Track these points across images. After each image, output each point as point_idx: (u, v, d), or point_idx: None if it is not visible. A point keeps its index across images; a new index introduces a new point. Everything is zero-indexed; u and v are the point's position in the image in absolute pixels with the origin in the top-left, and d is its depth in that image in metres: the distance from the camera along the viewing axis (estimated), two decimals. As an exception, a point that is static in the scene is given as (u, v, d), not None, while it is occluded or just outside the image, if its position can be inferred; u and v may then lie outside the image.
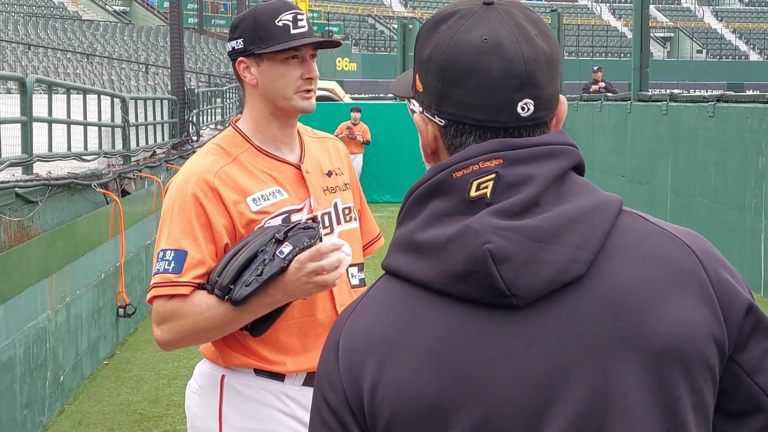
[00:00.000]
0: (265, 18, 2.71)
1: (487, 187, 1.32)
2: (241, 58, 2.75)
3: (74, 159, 8.69)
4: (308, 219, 2.69)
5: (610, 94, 18.96)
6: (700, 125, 12.82)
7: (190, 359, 8.27)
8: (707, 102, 12.77)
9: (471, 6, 1.39)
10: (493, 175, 1.32)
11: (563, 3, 63.25)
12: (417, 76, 1.43)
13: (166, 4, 36.07)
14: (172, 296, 2.62)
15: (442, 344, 1.31)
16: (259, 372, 2.72)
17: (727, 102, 12.37)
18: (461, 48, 1.36)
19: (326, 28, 55.80)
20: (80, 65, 29.57)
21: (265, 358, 2.70)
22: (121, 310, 8.72)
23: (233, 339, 2.70)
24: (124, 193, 9.33)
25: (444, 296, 1.32)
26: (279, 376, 2.72)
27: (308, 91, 2.74)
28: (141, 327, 9.48)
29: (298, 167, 2.78)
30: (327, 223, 2.76)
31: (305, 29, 2.73)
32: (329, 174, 2.85)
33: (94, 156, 9.23)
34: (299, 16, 2.74)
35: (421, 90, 1.43)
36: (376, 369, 1.32)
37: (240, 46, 2.74)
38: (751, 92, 29.98)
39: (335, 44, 2.91)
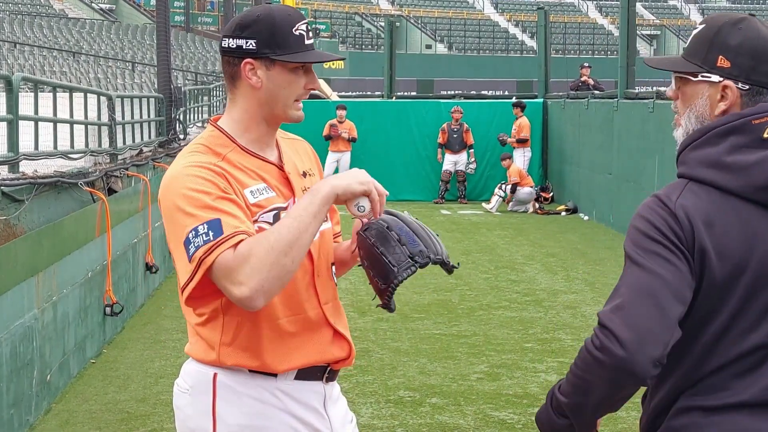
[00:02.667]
0: (284, 25, 2.70)
1: None
2: (249, 59, 2.70)
3: (61, 157, 8.67)
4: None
5: (596, 92, 19.00)
6: (687, 123, 12.85)
7: (177, 357, 8.26)
8: (694, 99, 12.79)
9: (745, 16, 2.31)
10: None
11: (550, 0, 63.30)
12: (720, 57, 2.31)
13: (153, 2, 36.00)
14: (226, 249, 2.51)
15: (742, 225, 2.23)
16: (252, 370, 2.73)
17: (713, 99, 12.39)
18: (765, 39, 2.29)
19: (313, 25, 55.73)
20: (66, 63, 29.49)
21: (260, 358, 2.71)
22: (108, 309, 8.70)
23: (228, 338, 2.71)
24: (110, 191, 9.31)
25: (743, 199, 2.23)
26: (272, 374, 2.73)
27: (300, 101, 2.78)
28: (128, 326, 9.46)
29: (281, 168, 2.81)
30: None
31: (312, 40, 2.78)
32: (304, 175, 2.88)
33: (80, 154, 9.21)
34: (309, 27, 2.78)
35: (727, 66, 2.31)
36: (701, 231, 2.22)
37: (251, 48, 2.69)
38: (737, 90, 30.02)
39: (341, 59, 2.96)
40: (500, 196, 18.52)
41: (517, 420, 6.62)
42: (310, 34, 2.76)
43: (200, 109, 19.31)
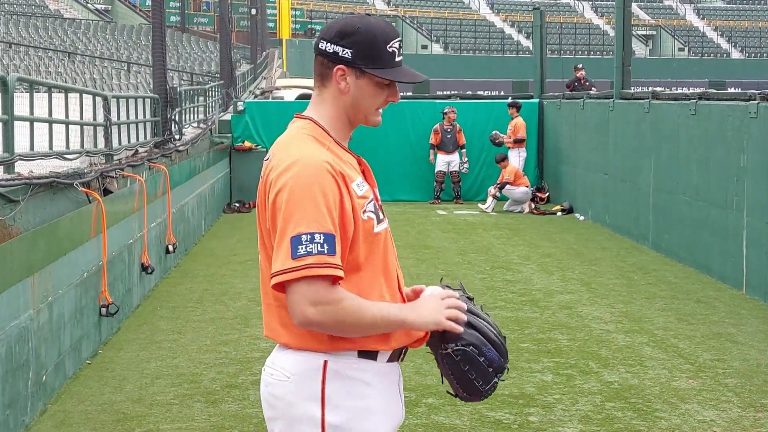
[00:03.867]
0: (381, 40, 2.90)
1: None
2: (341, 66, 2.90)
3: (56, 158, 8.65)
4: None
5: (592, 91, 19.00)
6: (683, 123, 12.87)
7: (173, 358, 8.26)
8: (689, 100, 12.81)
9: None
10: None
11: (545, 1, 63.34)
12: None
13: (149, 3, 35.93)
14: (332, 278, 2.73)
15: None
16: (361, 353, 2.89)
17: (709, 100, 12.42)
18: None
19: (309, 26, 55.72)
20: (62, 64, 29.45)
21: (369, 341, 2.88)
22: (103, 310, 8.69)
23: None
24: (106, 192, 9.30)
25: None
26: (373, 354, 2.91)
27: None
28: (124, 326, 9.45)
29: (359, 161, 3.02)
30: (382, 215, 2.96)
31: (402, 57, 2.97)
32: None
33: (76, 155, 9.19)
34: (401, 44, 2.98)
35: None
36: None
37: (347, 56, 2.89)
38: (732, 90, 30.09)
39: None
40: (495, 197, 18.52)
41: (513, 420, 6.62)
42: (401, 51, 2.96)
43: (196, 109, 19.28)
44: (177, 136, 14.15)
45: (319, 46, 2.93)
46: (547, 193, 19.49)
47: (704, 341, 8.74)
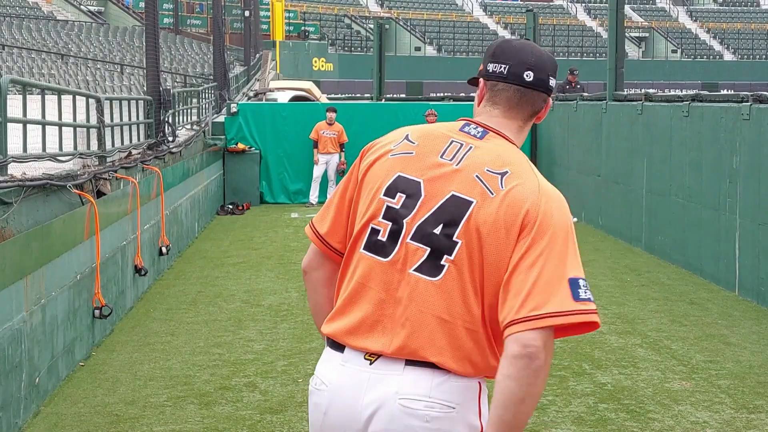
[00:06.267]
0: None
1: None
2: (549, 97, 2.92)
3: (49, 160, 8.64)
4: None
5: (585, 94, 19.03)
6: (675, 125, 12.89)
7: (166, 360, 8.26)
8: (682, 102, 12.84)
9: None
10: None
11: (539, 3, 63.42)
12: None
13: (142, 4, 35.87)
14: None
15: None
16: None
17: (701, 101, 12.44)
18: None
19: (302, 28, 55.72)
20: (55, 65, 29.41)
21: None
22: (96, 312, 8.68)
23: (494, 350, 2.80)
24: (99, 194, 9.29)
25: None
26: None
27: None
28: (117, 328, 9.44)
29: None
30: None
31: None
32: None
33: (69, 157, 9.18)
34: None
35: None
36: None
37: (552, 86, 2.91)
38: (725, 92, 30.15)
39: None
40: None
41: (507, 422, 6.62)
42: None
43: (189, 111, 19.27)
44: (170, 138, 14.13)
45: (550, 83, 2.89)
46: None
47: (697, 343, 8.75)
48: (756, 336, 8.99)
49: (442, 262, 2.69)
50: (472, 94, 41.06)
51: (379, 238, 2.77)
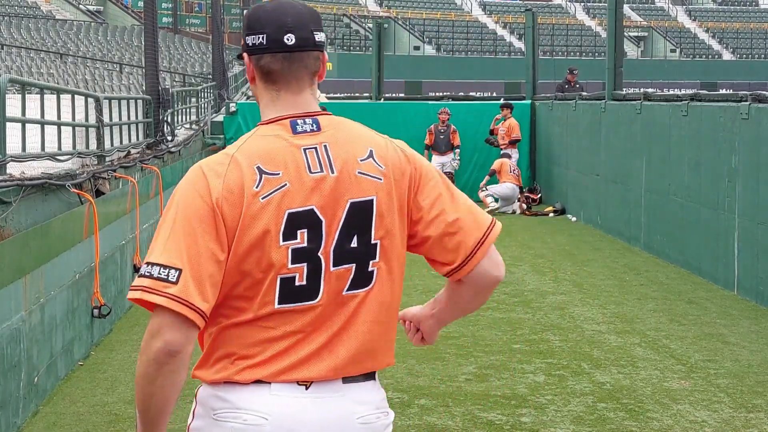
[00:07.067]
0: None
1: None
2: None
3: (48, 159, 8.64)
4: None
5: (584, 93, 19.04)
6: (674, 124, 12.89)
7: (166, 360, 8.24)
8: (681, 101, 12.84)
9: None
10: None
11: (537, 2, 63.41)
12: None
13: (141, 4, 35.87)
14: None
15: None
16: None
17: (700, 101, 12.44)
18: None
19: (301, 27, 55.67)
20: (54, 65, 29.41)
21: None
22: (95, 311, 8.68)
23: None
24: (98, 193, 9.29)
25: None
26: None
27: None
28: (116, 328, 9.44)
29: None
30: None
31: None
32: None
33: (68, 156, 9.18)
34: None
35: None
36: None
37: (322, 40, 2.77)
38: (724, 91, 30.16)
39: None
40: (492, 195, 18.51)
41: (506, 421, 6.63)
42: None
43: (188, 110, 19.26)
44: (169, 138, 14.14)
45: (316, 39, 2.66)
46: (539, 195, 19.51)
47: (696, 342, 8.76)
48: (755, 335, 9.00)
49: (370, 269, 2.61)
50: (471, 94, 41.02)
51: (297, 284, 2.54)
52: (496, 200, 18.60)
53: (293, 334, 2.56)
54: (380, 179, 2.62)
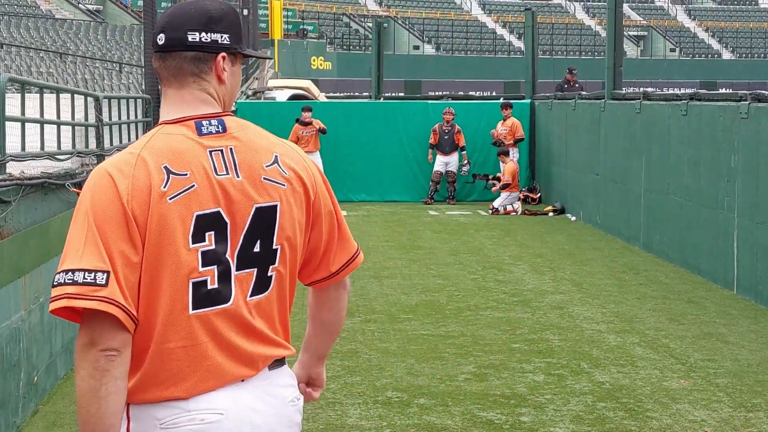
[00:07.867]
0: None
1: None
2: (223, 53, 2.79)
3: (47, 158, 8.64)
4: None
5: (584, 93, 19.05)
6: (674, 123, 12.90)
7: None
8: (680, 100, 12.84)
9: None
10: None
11: (537, 2, 63.39)
12: None
13: (140, 3, 35.88)
14: None
15: None
16: None
17: (700, 100, 12.44)
18: None
19: (301, 26, 55.68)
20: (53, 64, 29.40)
21: None
22: (95, 310, 8.66)
23: None
24: (98, 192, 9.28)
25: None
26: None
27: None
28: (115, 327, 9.43)
29: None
30: None
31: None
32: None
33: (67, 155, 9.18)
34: None
35: None
36: None
37: (226, 42, 2.77)
38: (723, 90, 30.18)
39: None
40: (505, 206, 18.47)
41: (505, 420, 6.63)
42: None
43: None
44: (169, 137, 14.13)
45: (188, 39, 2.62)
46: (539, 194, 19.51)
47: (695, 341, 8.76)
48: (754, 334, 9.00)
49: (269, 274, 2.63)
50: (471, 93, 41.05)
51: (210, 287, 2.52)
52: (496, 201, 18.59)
53: (205, 344, 2.54)
54: (284, 185, 2.65)
